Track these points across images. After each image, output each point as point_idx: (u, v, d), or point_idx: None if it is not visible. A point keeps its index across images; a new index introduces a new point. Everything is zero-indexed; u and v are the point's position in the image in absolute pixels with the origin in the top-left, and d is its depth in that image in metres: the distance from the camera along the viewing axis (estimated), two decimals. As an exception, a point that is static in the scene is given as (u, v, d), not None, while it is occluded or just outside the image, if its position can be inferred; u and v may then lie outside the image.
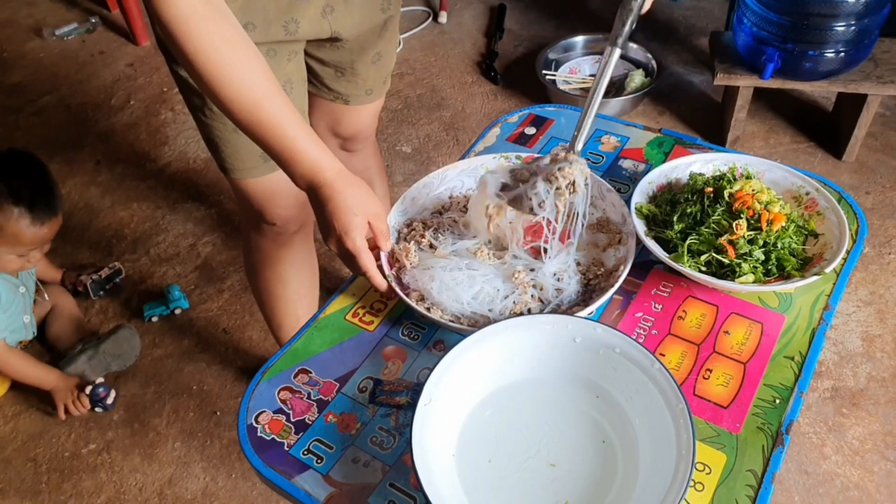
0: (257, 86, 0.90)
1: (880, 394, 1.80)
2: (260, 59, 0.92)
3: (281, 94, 0.92)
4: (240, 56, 0.89)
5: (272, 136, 0.92)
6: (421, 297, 0.96)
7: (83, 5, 3.48)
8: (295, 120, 0.92)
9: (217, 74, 0.88)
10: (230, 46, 0.88)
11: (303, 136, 0.93)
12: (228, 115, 0.92)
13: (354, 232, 0.92)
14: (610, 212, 1.06)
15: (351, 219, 0.92)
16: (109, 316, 2.12)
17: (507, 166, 1.03)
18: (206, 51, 0.86)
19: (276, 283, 1.55)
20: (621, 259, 0.98)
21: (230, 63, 0.88)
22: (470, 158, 1.14)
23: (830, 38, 2.09)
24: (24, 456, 1.81)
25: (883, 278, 2.06)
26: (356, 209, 0.92)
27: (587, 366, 0.88)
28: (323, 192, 0.93)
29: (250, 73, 0.90)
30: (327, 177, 0.93)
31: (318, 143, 0.94)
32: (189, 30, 0.85)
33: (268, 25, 1.11)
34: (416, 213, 1.10)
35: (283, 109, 0.91)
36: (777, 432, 0.84)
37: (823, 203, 1.02)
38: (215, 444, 1.81)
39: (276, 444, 0.88)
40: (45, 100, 2.95)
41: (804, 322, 0.95)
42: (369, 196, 0.95)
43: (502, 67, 2.97)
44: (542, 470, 0.82)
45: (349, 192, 0.93)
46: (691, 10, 3.20)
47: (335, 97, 1.43)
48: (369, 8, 1.23)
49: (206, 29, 0.86)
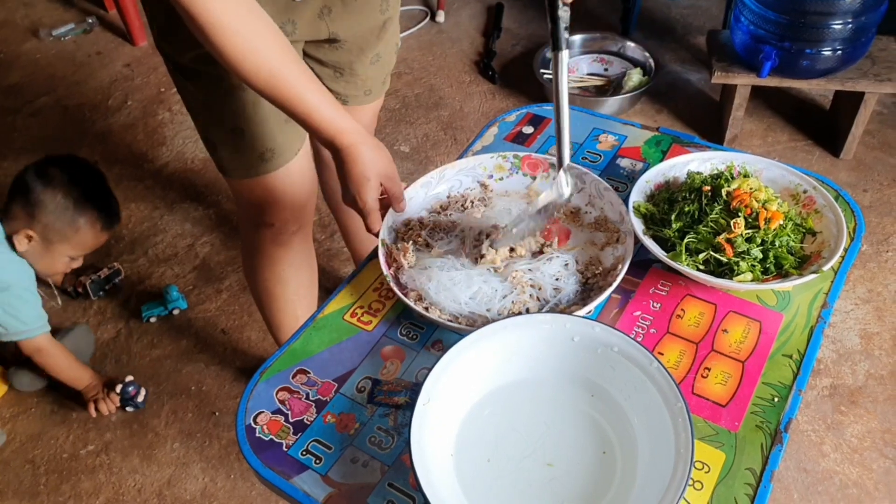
0: (275, 56, 0.94)
1: (879, 391, 1.80)
2: (276, 30, 0.95)
3: (298, 63, 0.97)
4: (256, 28, 0.93)
5: (292, 105, 0.97)
6: (419, 297, 0.97)
7: (80, 6, 3.48)
8: (313, 87, 0.97)
9: (236, 51, 0.92)
10: (246, 20, 0.92)
11: (321, 103, 0.98)
12: (250, 85, 0.96)
13: (367, 193, 0.99)
14: (608, 210, 1.06)
15: (364, 181, 0.98)
16: (108, 317, 2.12)
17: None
18: (225, 25, 0.90)
19: (275, 283, 1.55)
20: (619, 258, 0.98)
21: (248, 36, 0.92)
22: (468, 158, 1.15)
23: (828, 37, 2.09)
24: (22, 457, 1.81)
25: (881, 276, 2.06)
26: (369, 172, 0.99)
27: (585, 365, 0.88)
28: (341, 155, 0.99)
29: (267, 44, 0.94)
30: (344, 141, 0.99)
31: (336, 108, 0.99)
32: (206, 9, 0.88)
33: None
34: (414, 213, 1.10)
35: (300, 78, 0.96)
36: (776, 430, 0.84)
37: (821, 201, 1.02)
38: (214, 445, 1.81)
39: (275, 445, 0.88)
40: (42, 100, 2.95)
41: (802, 320, 0.95)
42: (384, 158, 1.01)
43: (500, 66, 2.97)
44: (540, 469, 0.82)
45: (364, 156, 0.98)
46: (689, 8, 3.21)
47: (334, 97, 1.43)
48: (367, 9, 1.23)
49: (221, 7, 0.89)
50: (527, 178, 1.14)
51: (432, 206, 1.12)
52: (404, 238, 1.06)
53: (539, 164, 1.14)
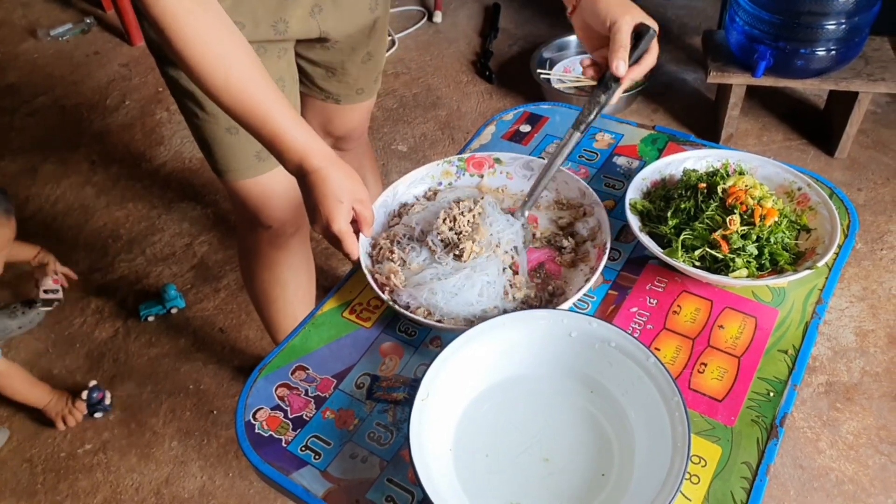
0: (245, 75, 0.92)
1: (874, 388, 1.81)
2: (248, 49, 0.94)
3: (268, 82, 0.94)
4: (227, 46, 0.91)
5: (262, 124, 0.94)
6: (428, 312, 0.96)
7: (78, 6, 3.48)
8: (283, 107, 0.94)
9: (206, 65, 0.90)
10: (217, 37, 0.90)
11: (291, 123, 0.95)
12: (219, 105, 0.94)
13: (340, 217, 0.95)
14: (564, 190, 1.10)
15: (336, 204, 0.94)
16: (105, 316, 2.12)
17: None
18: (195, 42, 0.88)
19: (273, 285, 1.55)
20: (595, 228, 1.03)
21: (218, 53, 0.90)
22: (416, 170, 1.14)
23: (822, 37, 2.10)
24: (19, 457, 1.81)
25: (875, 274, 2.07)
26: (341, 195, 0.95)
27: (583, 360, 0.88)
28: (310, 179, 0.95)
29: (238, 62, 0.92)
30: (314, 164, 0.95)
31: (307, 130, 0.96)
32: (178, 23, 0.87)
33: (257, 25, 1.12)
34: (377, 234, 1.08)
35: (270, 97, 0.94)
36: (771, 425, 0.85)
37: (815, 198, 1.03)
38: (212, 443, 1.81)
39: (274, 441, 0.88)
40: (39, 100, 2.95)
41: (797, 316, 0.96)
42: (355, 182, 0.98)
43: (497, 66, 2.98)
44: (538, 464, 0.83)
45: (335, 179, 0.95)
46: (684, 8, 3.22)
47: (326, 97, 1.43)
48: (357, 7, 1.24)
49: (194, 21, 0.88)
50: (474, 177, 1.15)
51: (389, 222, 1.10)
52: (378, 260, 1.04)
53: (484, 162, 1.15)
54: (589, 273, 0.99)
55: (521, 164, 1.14)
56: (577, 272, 1.01)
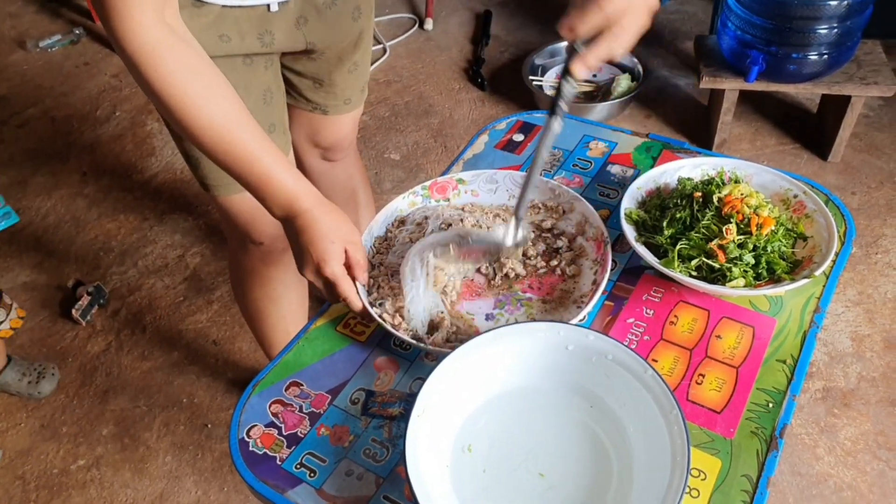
0: (229, 115, 0.88)
1: (871, 393, 1.81)
2: (229, 88, 0.90)
3: (252, 123, 0.91)
4: (208, 85, 0.87)
5: (247, 165, 0.90)
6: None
7: (67, 16, 3.46)
8: (269, 148, 0.91)
9: (187, 105, 0.85)
10: (198, 76, 0.86)
11: (278, 165, 0.91)
12: (200, 146, 0.90)
13: (332, 259, 0.91)
14: (534, 195, 1.10)
15: (328, 246, 0.91)
16: (98, 329, 2.10)
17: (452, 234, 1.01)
18: (174, 81, 0.84)
19: (265, 302, 1.53)
20: (581, 222, 1.05)
21: (200, 93, 0.86)
22: (385, 208, 1.09)
23: (814, 41, 2.11)
24: (11, 474, 1.79)
25: (871, 278, 2.07)
26: (333, 237, 0.92)
27: (580, 373, 0.87)
28: (299, 221, 0.92)
29: (221, 102, 0.88)
30: (303, 205, 0.92)
31: (294, 171, 0.93)
32: (155, 61, 0.83)
33: (243, 37, 1.10)
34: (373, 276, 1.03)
35: (256, 138, 0.90)
36: (771, 436, 0.84)
37: (811, 206, 1.03)
38: (206, 458, 1.79)
39: (269, 458, 0.87)
40: (29, 112, 2.93)
41: (795, 325, 0.95)
42: (346, 223, 0.94)
43: (489, 74, 2.97)
44: (536, 479, 0.81)
45: (326, 220, 0.92)
46: (676, 13, 3.22)
47: (314, 108, 1.42)
48: (340, 18, 1.23)
49: (172, 59, 0.84)
50: (439, 203, 1.12)
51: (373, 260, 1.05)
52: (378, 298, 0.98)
53: (447, 185, 1.13)
54: (593, 265, 1.00)
55: (485, 179, 1.13)
56: (583, 268, 1.02)
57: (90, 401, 1.93)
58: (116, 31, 0.82)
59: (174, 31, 0.85)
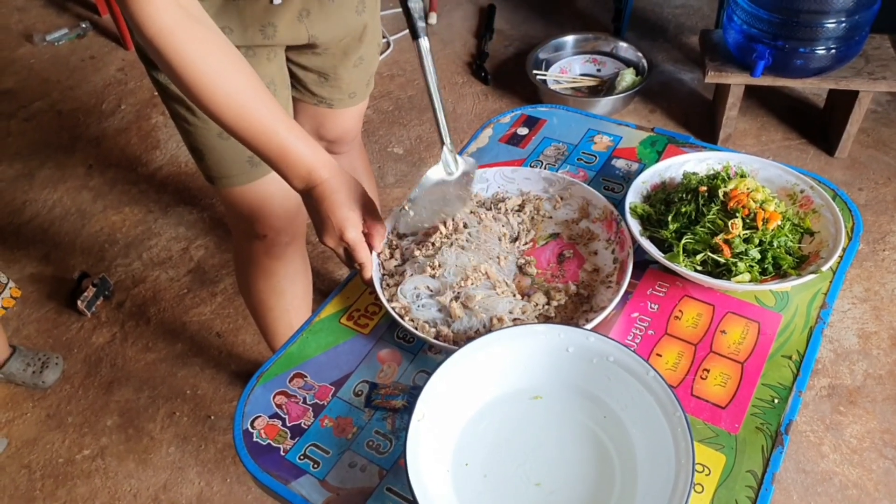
0: (246, 90, 0.90)
1: (877, 391, 1.80)
2: (245, 64, 0.92)
3: (269, 97, 0.93)
4: (226, 62, 0.89)
5: (265, 140, 0.92)
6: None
7: (74, 10, 3.46)
8: (286, 121, 0.93)
9: (206, 83, 0.88)
10: (216, 54, 0.88)
11: (296, 137, 0.93)
12: (219, 123, 0.92)
13: (353, 226, 0.94)
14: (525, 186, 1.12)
15: (347, 213, 0.94)
16: (102, 321, 2.11)
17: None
18: (193, 60, 0.86)
19: (270, 294, 1.53)
20: (583, 205, 1.07)
21: (218, 70, 0.88)
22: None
23: (821, 35, 2.09)
24: (17, 463, 1.80)
25: (878, 275, 2.06)
26: (352, 204, 0.94)
27: (581, 376, 0.86)
28: (319, 190, 0.94)
29: (238, 78, 0.90)
30: (323, 175, 0.94)
31: (311, 142, 0.95)
32: (175, 42, 0.85)
33: (244, 29, 1.11)
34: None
35: (273, 112, 0.92)
36: (776, 432, 0.83)
37: (818, 201, 1.02)
38: (210, 449, 1.80)
39: (272, 450, 0.87)
40: (36, 105, 2.93)
41: (801, 321, 0.95)
42: (361, 189, 0.97)
43: (493, 68, 2.96)
44: (539, 482, 0.80)
45: (344, 189, 0.94)
46: (681, 8, 3.21)
47: (319, 101, 1.42)
48: (343, 11, 1.23)
49: (191, 39, 0.86)
50: None
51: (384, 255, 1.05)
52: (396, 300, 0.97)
53: None
54: (607, 244, 1.03)
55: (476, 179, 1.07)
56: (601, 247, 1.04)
57: (95, 391, 1.93)
58: (136, 17, 0.84)
59: (189, 13, 0.87)
